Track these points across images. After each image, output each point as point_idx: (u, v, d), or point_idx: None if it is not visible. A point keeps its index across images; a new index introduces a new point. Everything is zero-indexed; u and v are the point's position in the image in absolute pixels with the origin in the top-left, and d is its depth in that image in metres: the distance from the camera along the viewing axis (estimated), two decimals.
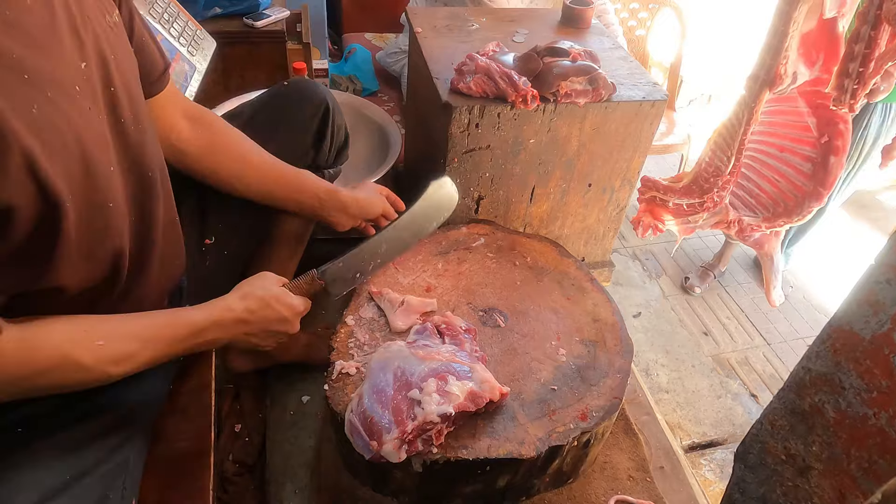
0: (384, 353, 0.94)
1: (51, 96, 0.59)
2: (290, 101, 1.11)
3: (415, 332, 1.04)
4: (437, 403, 0.85)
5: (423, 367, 0.90)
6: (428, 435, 0.86)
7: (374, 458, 0.85)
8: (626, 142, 1.38)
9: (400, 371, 0.90)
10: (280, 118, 1.10)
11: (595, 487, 1.12)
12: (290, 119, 1.10)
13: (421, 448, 0.87)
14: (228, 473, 1.24)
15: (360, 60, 2.38)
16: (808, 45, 1.04)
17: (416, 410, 0.85)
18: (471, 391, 0.90)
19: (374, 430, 0.85)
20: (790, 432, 0.60)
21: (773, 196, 1.24)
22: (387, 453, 0.84)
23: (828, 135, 1.12)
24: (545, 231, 1.53)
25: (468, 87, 1.24)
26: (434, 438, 0.87)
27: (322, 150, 1.15)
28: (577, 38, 1.53)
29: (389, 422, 0.85)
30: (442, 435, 0.88)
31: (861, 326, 0.51)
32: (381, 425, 0.85)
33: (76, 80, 0.63)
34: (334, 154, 1.19)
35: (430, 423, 0.85)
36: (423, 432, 0.86)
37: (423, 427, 0.85)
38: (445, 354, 0.95)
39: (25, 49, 0.57)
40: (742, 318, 2.22)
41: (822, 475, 0.58)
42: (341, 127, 1.18)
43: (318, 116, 1.11)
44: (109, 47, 0.69)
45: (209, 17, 1.77)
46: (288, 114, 1.11)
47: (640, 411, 1.40)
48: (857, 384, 0.52)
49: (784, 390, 0.61)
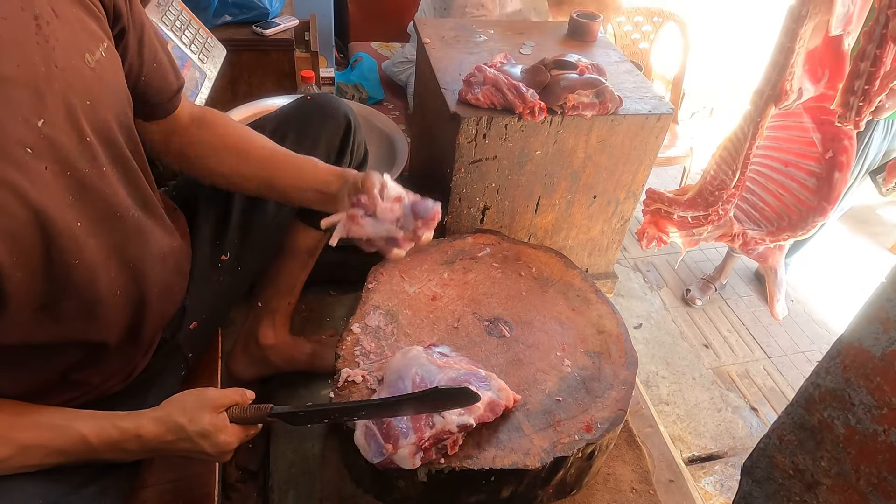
0: (402, 360, 0.94)
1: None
2: (313, 117, 1.09)
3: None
4: (458, 414, 0.85)
5: (442, 374, 0.90)
6: (443, 444, 0.86)
7: (383, 463, 0.85)
8: (632, 155, 1.39)
9: (419, 378, 0.90)
10: (302, 134, 1.08)
11: (598, 499, 1.12)
12: (313, 135, 1.08)
13: (434, 457, 0.87)
14: (232, 480, 1.24)
15: (366, 69, 2.40)
16: (814, 62, 1.05)
17: (436, 419, 0.85)
18: (490, 401, 0.90)
19: (392, 433, 0.85)
20: (798, 447, 0.61)
21: (777, 210, 1.25)
22: (400, 458, 0.83)
23: (832, 151, 1.13)
24: (550, 242, 1.54)
25: (476, 98, 1.25)
26: (449, 448, 0.87)
27: (342, 167, 1.13)
28: (584, 52, 1.55)
29: (407, 427, 0.85)
30: (457, 445, 0.88)
31: (871, 343, 0.51)
32: (398, 430, 0.85)
33: (27, 142, 0.60)
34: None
35: (448, 433, 0.85)
36: (439, 441, 0.86)
37: (440, 436, 0.85)
38: (464, 363, 0.95)
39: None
40: (743, 330, 2.22)
41: (831, 490, 0.58)
42: (361, 144, 1.16)
43: (340, 133, 1.10)
44: (86, 93, 0.66)
45: (219, 24, 1.79)
46: (310, 129, 1.09)
47: (644, 423, 1.40)
48: (867, 401, 0.52)
49: (793, 405, 0.61)
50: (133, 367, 0.88)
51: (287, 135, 1.06)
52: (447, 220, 1.42)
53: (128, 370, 0.87)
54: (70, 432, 0.72)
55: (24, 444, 0.69)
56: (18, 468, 0.69)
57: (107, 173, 0.71)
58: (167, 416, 0.76)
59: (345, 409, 0.84)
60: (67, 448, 0.72)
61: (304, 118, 1.09)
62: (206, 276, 1.01)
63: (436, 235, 1.33)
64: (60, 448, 0.71)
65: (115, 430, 0.74)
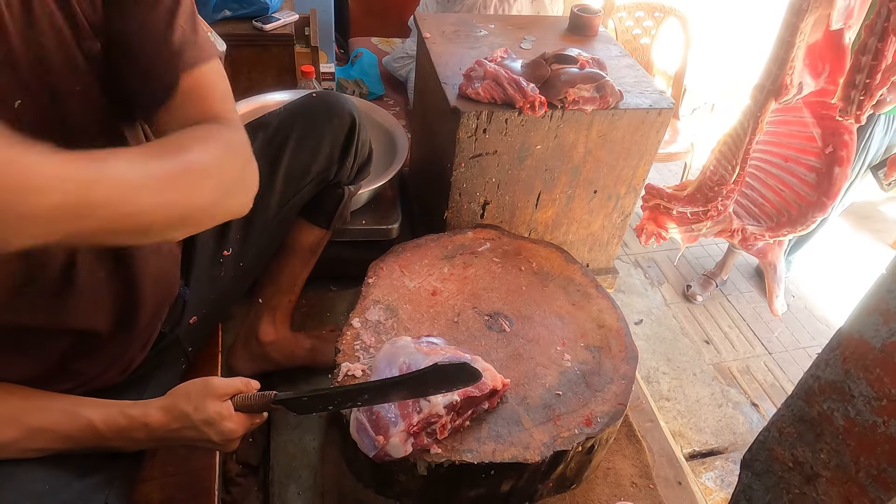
0: (390, 349, 0.95)
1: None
2: (318, 114, 1.08)
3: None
4: (442, 395, 0.85)
5: (427, 360, 0.90)
6: (433, 428, 0.87)
7: (378, 455, 0.85)
8: (633, 149, 1.39)
9: (406, 365, 0.90)
10: (307, 131, 1.07)
11: (598, 494, 1.12)
12: (317, 132, 1.07)
13: (426, 442, 0.87)
14: (232, 474, 1.24)
15: (366, 64, 2.39)
16: (815, 56, 1.05)
17: (423, 403, 0.86)
18: None
19: (381, 424, 0.85)
20: (798, 439, 0.61)
21: (777, 206, 1.25)
22: (392, 447, 0.84)
23: (833, 145, 1.13)
24: (550, 237, 1.54)
25: (476, 92, 1.25)
26: (438, 432, 0.87)
27: (345, 165, 1.11)
28: (585, 46, 1.54)
29: (395, 416, 0.85)
30: (446, 429, 0.88)
31: (871, 335, 0.51)
32: (387, 419, 0.85)
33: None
34: (356, 170, 1.16)
35: (436, 416, 0.85)
36: (428, 425, 0.86)
37: (429, 420, 0.85)
38: (450, 350, 0.95)
39: None
40: (743, 326, 2.22)
41: (830, 483, 0.58)
42: (366, 143, 1.15)
43: (345, 131, 1.09)
44: (76, 80, 0.63)
45: (219, 19, 1.79)
46: (315, 127, 1.08)
47: (644, 418, 1.40)
48: (867, 392, 0.52)
49: (792, 397, 0.61)
50: (130, 360, 0.88)
51: (292, 131, 1.05)
52: (447, 215, 1.42)
53: (125, 362, 0.87)
54: (78, 418, 0.72)
55: (32, 427, 0.70)
56: (24, 451, 0.70)
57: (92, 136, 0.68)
58: (173, 405, 0.76)
59: (347, 393, 0.83)
60: (74, 433, 0.72)
61: (309, 115, 1.08)
62: (208, 271, 1.01)
63: (436, 230, 1.34)
64: (67, 433, 0.72)
65: (122, 418, 0.75)
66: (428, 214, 1.61)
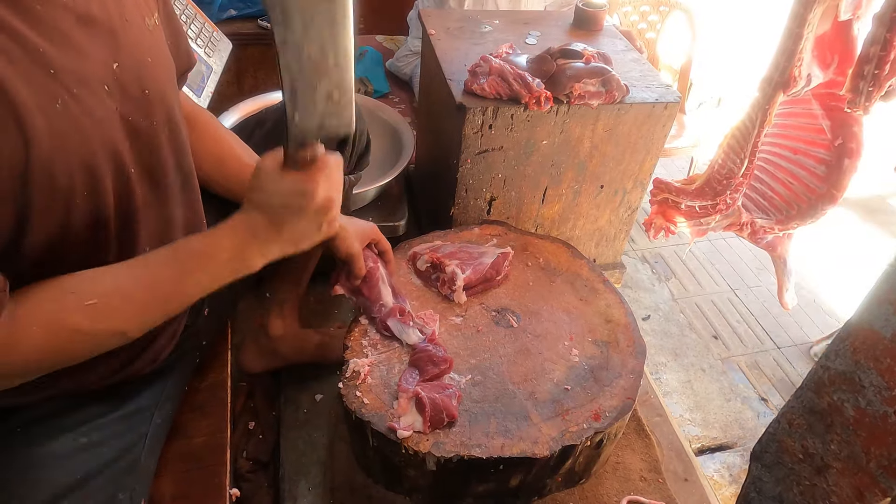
0: None
1: (76, 93, 0.60)
2: None
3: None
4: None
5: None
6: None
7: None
8: (639, 143, 1.39)
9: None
10: None
11: (607, 488, 1.12)
12: None
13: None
14: (242, 470, 1.25)
15: (371, 62, 2.39)
16: (823, 48, 1.04)
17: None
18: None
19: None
20: (808, 431, 0.60)
21: (786, 198, 1.24)
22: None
23: (842, 137, 1.12)
24: (557, 232, 1.54)
25: (482, 88, 1.25)
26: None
27: (343, 155, 1.12)
28: (590, 41, 1.54)
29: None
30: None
31: (882, 325, 0.51)
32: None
33: (105, 80, 0.64)
34: (356, 159, 1.17)
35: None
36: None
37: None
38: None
39: (52, 45, 0.58)
40: (752, 321, 2.21)
41: (841, 474, 0.58)
42: (363, 132, 1.17)
43: None
44: (147, 50, 0.70)
45: (224, 18, 1.80)
46: None
47: (652, 412, 1.40)
48: (878, 382, 0.52)
49: (802, 389, 0.61)
50: (160, 350, 0.88)
51: None
52: (454, 211, 1.43)
53: (155, 351, 0.87)
54: (181, 250, 0.71)
55: (146, 284, 0.68)
56: (163, 309, 0.70)
57: (157, 131, 0.73)
58: (233, 218, 0.72)
59: None
60: (186, 266, 0.70)
61: None
62: None
63: (443, 226, 1.34)
64: (179, 271, 0.69)
65: (222, 224, 0.71)
66: (434, 211, 1.62)
